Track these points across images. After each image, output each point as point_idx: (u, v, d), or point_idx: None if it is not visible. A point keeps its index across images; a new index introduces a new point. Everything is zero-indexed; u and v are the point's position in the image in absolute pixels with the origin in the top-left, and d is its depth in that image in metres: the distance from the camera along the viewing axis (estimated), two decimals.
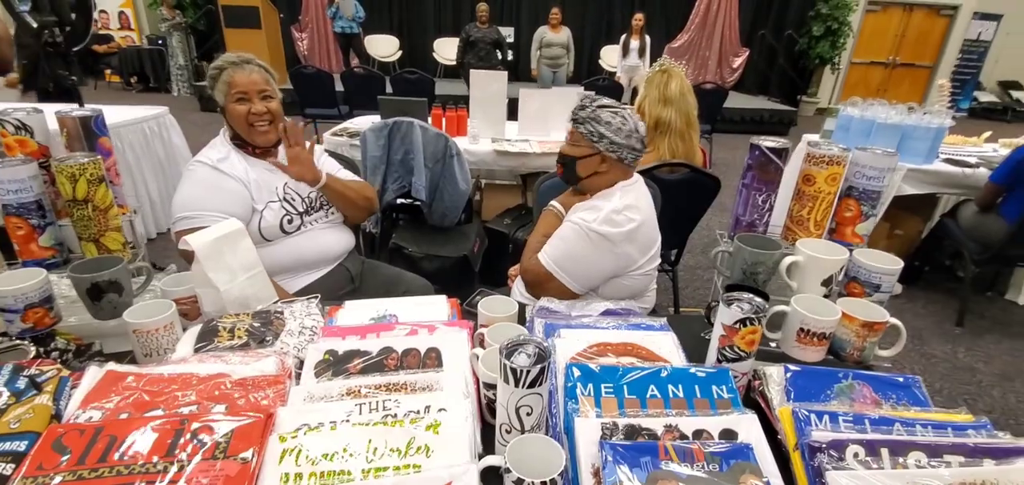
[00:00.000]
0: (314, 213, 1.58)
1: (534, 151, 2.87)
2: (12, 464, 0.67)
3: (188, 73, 8.39)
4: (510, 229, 2.95)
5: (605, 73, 8.63)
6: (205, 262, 1.07)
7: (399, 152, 2.52)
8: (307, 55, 9.15)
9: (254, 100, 1.45)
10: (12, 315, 0.91)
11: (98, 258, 0.98)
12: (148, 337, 0.97)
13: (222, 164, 1.41)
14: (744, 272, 1.08)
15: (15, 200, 0.92)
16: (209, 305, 1.11)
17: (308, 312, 1.16)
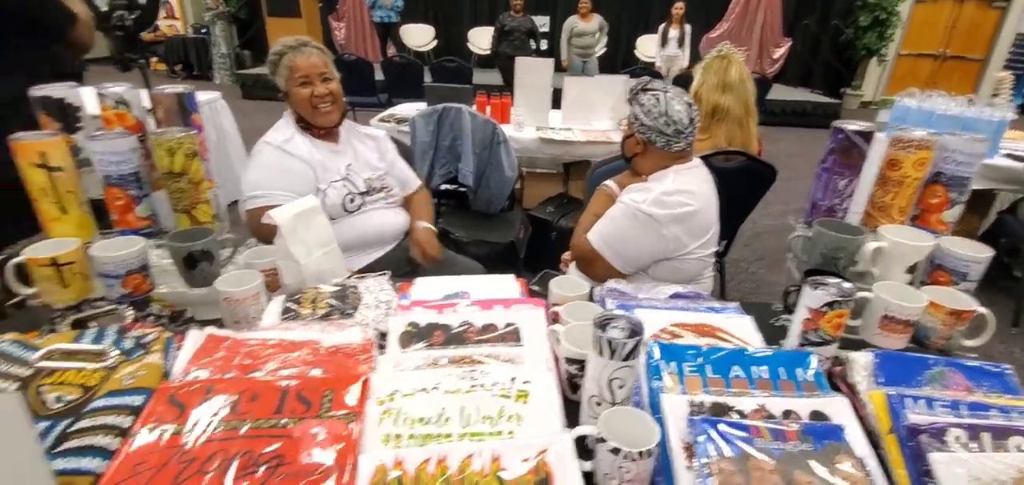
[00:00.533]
0: (375, 194, 1.61)
1: (578, 139, 2.86)
2: (130, 417, 0.71)
3: (230, 61, 8.61)
4: (553, 217, 2.95)
5: (641, 63, 8.50)
6: (287, 236, 1.11)
7: (447, 138, 2.55)
8: (344, 44, 9.28)
9: (316, 83, 1.48)
10: (113, 280, 0.96)
11: (191, 229, 1.03)
12: (237, 305, 1.01)
13: (288, 145, 1.46)
14: (824, 257, 1.06)
15: (115, 172, 0.97)
16: (289, 277, 1.15)
17: (380, 288, 1.19)
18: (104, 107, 0.98)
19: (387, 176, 1.68)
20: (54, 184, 0.95)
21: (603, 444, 0.69)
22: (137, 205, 1.02)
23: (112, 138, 0.96)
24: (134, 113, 1.00)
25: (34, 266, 0.92)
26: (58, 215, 0.97)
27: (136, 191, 1.01)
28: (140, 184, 1.01)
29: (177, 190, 1.02)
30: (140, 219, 1.03)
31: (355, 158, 1.62)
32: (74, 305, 0.98)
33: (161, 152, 0.97)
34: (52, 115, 0.96)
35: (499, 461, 0.69)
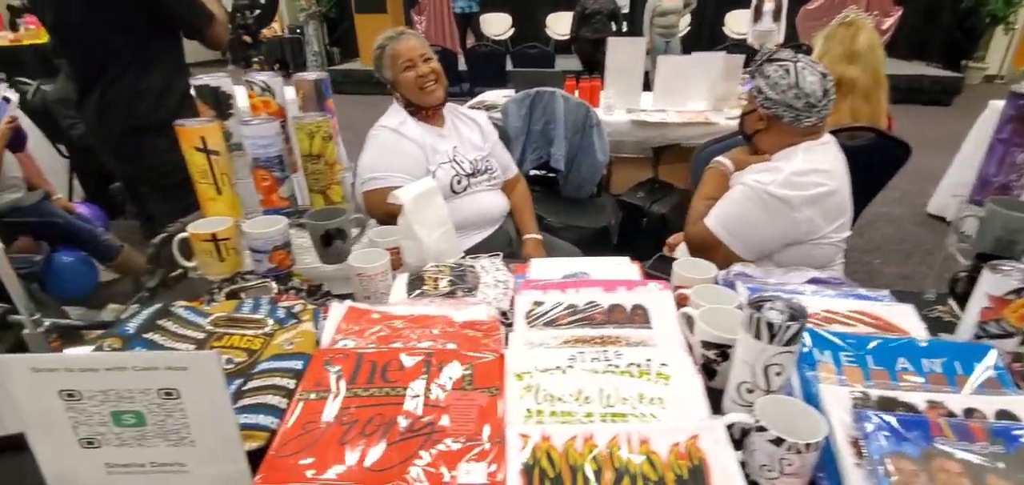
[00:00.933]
0: (480, 176, 1.63)
1: (673, 121, 2.74)
2: (293, 379, 0.76)
3: (321, 58, 9.13)
4: (644, 202, 2.86)
5: (730, 41, 8.03)
6: (411, 215, 1.14)
7: (539, 122, 2.54)
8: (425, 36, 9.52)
9: (418, 64, 1.53)
10: (261, 255, 1.03)
11: (326, 209, 1.09)
12: (368, 281, 1.06)
13: (402, 128, 1.51)
14: (998, 241, 0.93)
15: (263, 154, 1.04)
16: (410, 256, 1.19)
17: (496, 268, 1.20)
18: (251, 94, 1.06)
19: (490, 158, 1.70)
20: (212, 166, 1.03)
21: (762, 434, 0.65)
22: (280, 186, 1.09)
23: (261, 123, 1.03)
24: (277, 100, 1.07)
25: (196, 241, 1.01)
26: (214, 195, 1.06)
27: (279, 173, 1.08)
28: (282, 166, 1.08)
29: (314, 172, 1.08)
30: (282, 199, 1.11)
31: (460, 141, 1.65)
32: (228, 278, 1.07)
33: (302, 135, 1.03)
34: (208, 103, 1.05)
35: (648, 443, 0.67)
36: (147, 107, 1.63)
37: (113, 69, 1.59)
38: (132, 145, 1.70)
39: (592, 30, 6.82)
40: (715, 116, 2.79)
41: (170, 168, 1.72)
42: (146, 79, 1.62)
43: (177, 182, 1.74)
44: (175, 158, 1.75)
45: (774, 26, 6.54)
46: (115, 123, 1.67)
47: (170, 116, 1.64)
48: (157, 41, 1.61)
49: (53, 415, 0.62)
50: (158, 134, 1.67)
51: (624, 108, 2.94)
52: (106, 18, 1.54)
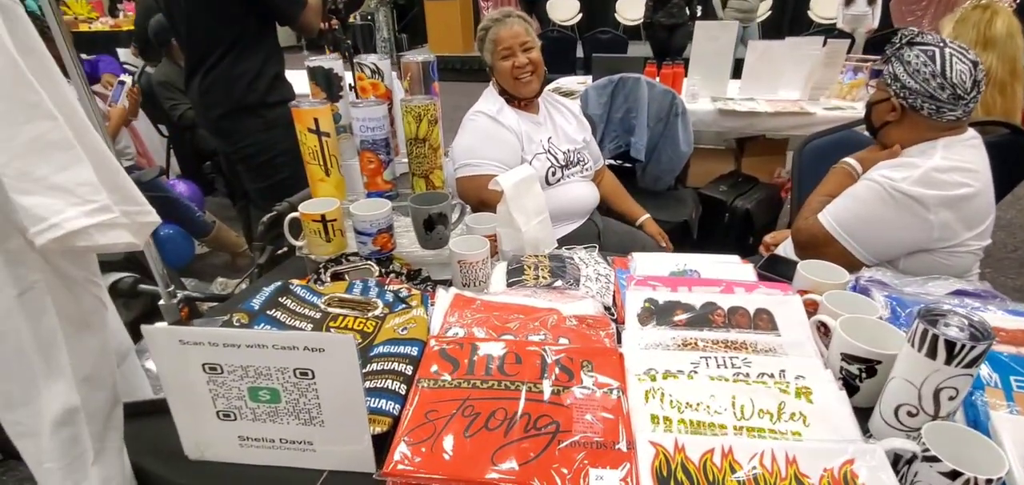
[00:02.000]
0: (573, 167, 1.59)
1: (764, 111, 2.57)
2: (410, 365, 0.76)
3: (391, 45, 9.33)
4: (727, 196, 2.72)
5: (816, 25, 7.51)
6: (511, 202, 1.12)
7: (620, 110, 2.45)
8: None
9: (517, 54, 1.49)
10: (366, 238, 1.04)
11: (428, 193, 1.08)
12: (469, 268, 1.05)
13: (499, 115, 1.48)
14: None
15: (371, 137, 1.05)
16: (508, 243, 1.16)
17: (595, 261, 1.15)
18: (360, 76, 1.07)
19: (584, 150, 1.66)
20: (322, 147, 1.05)
21: (932, 464, 0.58)
22: (384, 169, 1.09)
23: (370, 105, 1.03)
24: (385, 82, 1.07)
25: (306, 221, 1.03)
26: (322, 176, 1.08)
27: (384, 156, 1.08)
28: (388, 149, 1.08)
29: (419, 155, 1.07)
30: (386, 182, 1.11)
31: (554, 130, 1.61)
32: (333, 258, 1.08)
33: (409, 118, 1.03)
34: (319, 85, 1.07)
35: (796, 465, 0.61)
36: (241, 90, 1.71)
37: (214, 54, 1.68)
38: (228, 125, 1.80)
39: (668, 15, 6.55)
40: (811, 106, 2.60)
41: (260, 148, 1.81)
42: (242, 64, 1.69)
43: (266, 161, 1.84)
44: (265, 138, 1.82)
45: (868, 10, 6.06)
46: (214, 105, 1.76)
47: (260, 99, 1.73)
48: (253, 28, 1.68)
49: (195, 386, 0.64)
50: (250, 115, 1.76)
51: (709, 96, 2.79)
52: (208, 7, 1.63)
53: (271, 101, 1.76)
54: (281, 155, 1.83)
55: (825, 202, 1.27)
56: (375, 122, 1.03)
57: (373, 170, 1.09)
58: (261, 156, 1.83)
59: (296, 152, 1.95)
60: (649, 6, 6.58)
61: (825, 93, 2.69)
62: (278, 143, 1.80)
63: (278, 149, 1.81)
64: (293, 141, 1.90)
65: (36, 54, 0.45)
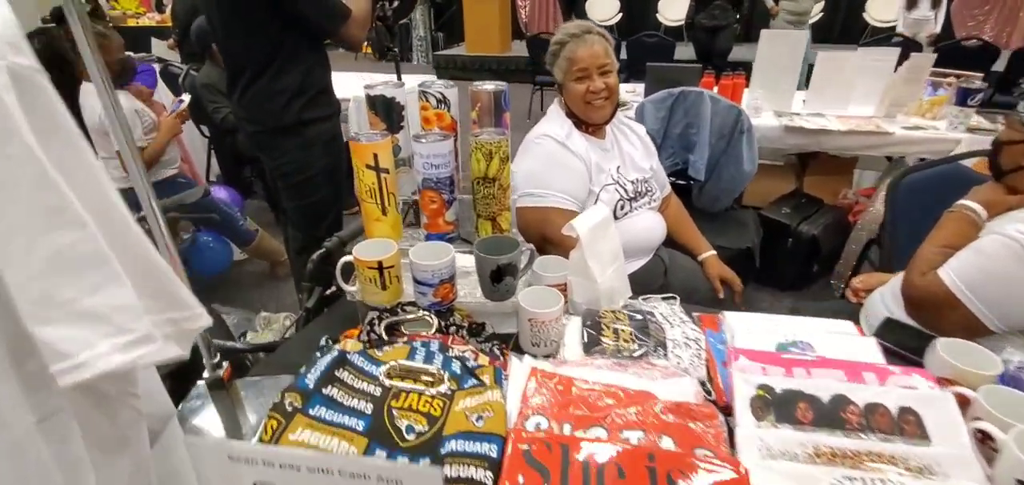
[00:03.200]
0: (641, 198, 1.45)
1: (834, 128, 2.37)
2: (489, 472, 0.64)
3: (427, 43, 9.28)
4: (791, 220, 2.53)
5: (871, 29, 7.12)
6: (587, 249, 0.99)
7: (679, 125, 2.29)
8: (527, 22, 9.38)
9: (593, 76, 1.35)
10: (426, 289, 0.93)
11: (495, 238, 0.96)
12: (541, 327, 0.92)
13: (569, 141, 1.35)
14: None
15: (434, 175, 0.93)
16: (580, 294, 1.04)
17: (679, 318, 1.02)
18: (424, 106, 0.95)
19: (652, 179, 1.51)
20: (381, 185, 0.94)
21: None
22: (447, 209, 0.98)
23: (435, 140, 0.92)
24: (452, 112, 0.95)
25: (361, 267, 0.92)
26: (379, 215, 0.97)
27: (448, 195, 0.97)
28: (452, 187, 0.97)
29: (487, 195, 0.95)
30: (447, 224, 1.00)
31: (623, 158, 1.47)
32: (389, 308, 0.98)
33: (479, 155, 0.91)
34: (378, 114, 0.96)
35: None
36: (278, 108, 1.62)
37: (249, 70, 1.59)
38: (265, 141, 1.71)
39: (709, 17, 6.29)
40: (888, 124, 2.39)
41: (297, 167, 1.72)
42: (281, 80, 1.59)
43: (303, 181, 1.75)
44: (302, 157, 1.72)
45: (931, 14, 5.68)
46: (251, 121, 1.69)
47: (297, 117, 1.63)
48: (291, 43, 1.57)
49: None
50: (288, 134, 1.67)
51: (772, 110, 2.60)
52: (242, 24, 1.54)
53: (309, 118, 1.67)
54: (319, 175, 1.74)
55: (944, 255, 1.10)
56: (440, 159, 0.92)
57: (435, 210, 0.97)
58: (298, 175, 1.74)
59: (334, 171, 1.83)
60: (692, 7, 6.35)
61: (903, 110, 2.47)
62: (316, 162, 1.72)
63: (316, 168, 1.73)
64: (332, 160, 1.79)
65: (61, 134, 0.35)
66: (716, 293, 1.53)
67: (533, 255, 0.98)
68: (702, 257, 1.56)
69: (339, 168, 1.82)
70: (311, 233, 1.81)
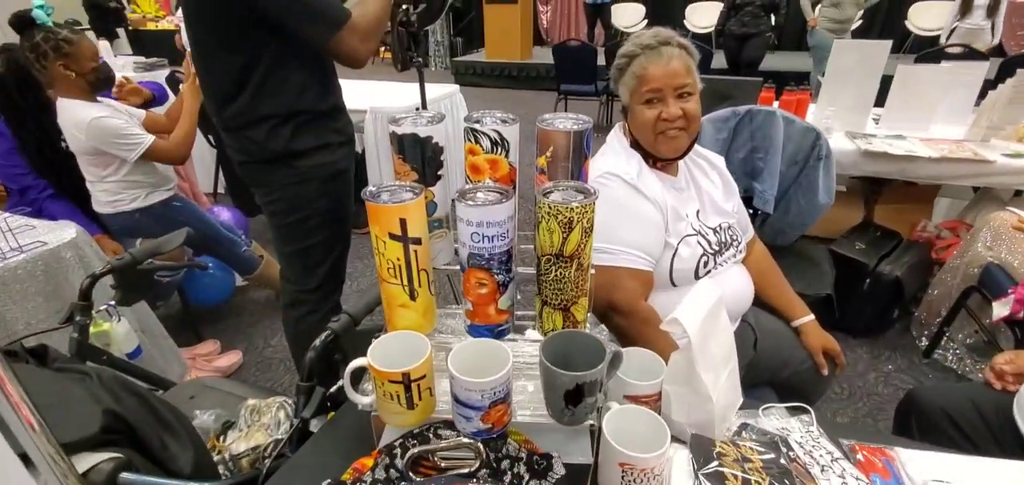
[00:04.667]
0: (726, 251, 1.15)
1: (923, 154, 2.04)
2: None
3: (444, 49, 9.05)
4: (867, 258, 2.20)
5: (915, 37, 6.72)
6: (698, 353, 0.70)
7: (743, 148, 1.98)
8: (548, 28, 9.12)
9: (668, 100, 1.05)
10: (472, 413, 0.64)
11: (570, 336, 0.67)
12: (637, 475, 0.63)
13: (640, 182, 1.05)
14: None
15: (486, 250, 0.64)
16: (682, 413, 0.74)
17: (825, 449, 0.72)
18: (472, 148, 0.67)
19: (735, 224, 1.21)
20: (410, 260, 0.66)
21: None
22: (501, 295, 0.69)
23: (490, 200, 0.63)
24: (511, 158, 0.67)
25: (380, 380, 0.64)
26: (405, 301, 0.69)
27: (503, 276, 0.68)
28: (509, 265, 0.68)
29: (559, 279, 0.67)
30: (500, 313, 0.71)
31: (701, 199, 1.17)
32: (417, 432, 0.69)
33: (552, 224, 0.62)
34: (407, 159, 0.68)
35: None
36: (263, 136, 1.30)
37: (230, 88, 1.26)
38: (253, 174, 1.40)
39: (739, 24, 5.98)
40: (986, 150, 2.05)
41: (289, 204, 1.40)
42: (262, 103, 1.27)
43: (297, 221, 1.40)
44: (295, 193, 1.36)
45: (987, 23, 5.28)
46: (236, 149, 1.37)
47: (285, 147, 1.29)
48: (275, 56, 1.24)
49: None
50: (275, 166, 1.35)
51: (844, 131, 2.28)
52: (213, 31, 1.22)
53: (301, 149, 1.33)
54: (316, 217, 1.42)
55: None
56: (497, 228, 0.63)
57: (485, 297, 0.69)
58: (291, 214, 1.42)
59: (336, 213, 1.45)
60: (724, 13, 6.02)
61: (1000, 134, 2.13)
62: (313, 201, 1.40)
63: (312, 209, 1.41)
64: (332, 200, 1.42)
65: None
66: (818, 369, 1.22)
67: (618, 357, 0.69)
68: (799, 323, 1.25)
69: (343, 207, 1.49)
70: (302, 286, 1.51)
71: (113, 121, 1.79)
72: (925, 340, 2.18)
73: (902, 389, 2.04)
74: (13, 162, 1.91)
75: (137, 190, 1.94)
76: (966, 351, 2.08)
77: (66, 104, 1.75)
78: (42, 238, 1.55)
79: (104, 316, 1.24)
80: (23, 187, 1.96)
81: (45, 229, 1.62)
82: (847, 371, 2.14)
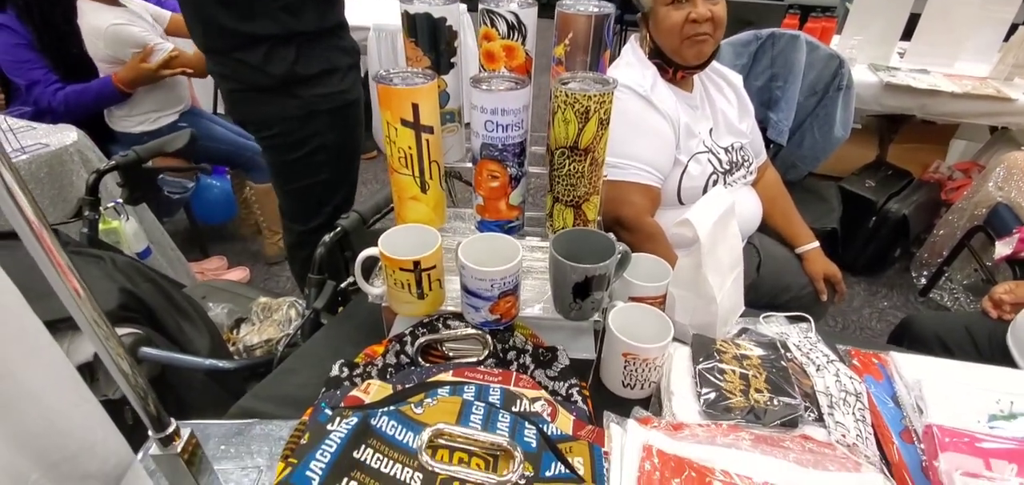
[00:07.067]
0: (736, 171, 1.14)
1: (946, 90, 1.97)
2: None
3: None
4: (876, 196, 2.18)
5: None
6: (706, 255, 0.70)
7: (762, 75, 1.92)
8: None
9: (697, 1, 1.00)
10: (481, 303, 0.65)
11: (581, 233, 0.67)
12: (640, 366, 0.65)
13: (653, 95, 1.02)
14: None
15: (500, 139, 0.64)
16: (686, 314, 0.76)
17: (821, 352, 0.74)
18: (488, 33, 0.64)
19: (748, 146, 1.19)
20: (421, 149, 0.65)
21: None
22: (513, 188, 0.69)
23: (506, 87, 0.62)
24: (527, 46, 0.65)
25: (392, 267, 0.65)
26: (416, 193, 0.69)
27: (516, 169, 0.67)
28: (522, 157, 0.67)
29: (573, 173, 0.66)
30: (512, 208, 0.71)
31: (714, 118, 1.15)
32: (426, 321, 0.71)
33: (569, 114, 0.61)
34: (420, 44, 0.66)
35: None
36: (258, 60, 1.13)
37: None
38: (245, 104, 1.23)
39: None
40: (1009, 88, 1.99)
41: (288, 141, 1.23)
42: (254, 19, 1.10)
43: (297, 159, 1.22)
44: (294, 130, 1.19)
45: None
46: (224, 77, 1.20)
47: (288, 72, 1.13)
48: None
49: None
50: (273, 96, 1.19)
51: (868, 63, 2.20)
52: None
53: (307, 74, 1.16)
54: (322, 153, 1.27)
55: None
56: (511, 117, 0.62)
57: (496, 190, 0.68)
58: (295, 151, 1.26)
59: (345, 148, 1.32)
60: None
61: None
62: (318, 135, 1.24)
63: (317, 143, 1.25)
64: (342, 134, 1.27)
65: None
66: (818, 294, 1.24)
67: (627, 257, 0.69)
68: (803, 250, 1.26)
69: (355, 140, 1.37)
70: (306, 226, 1.39)
71: (131, 29, 1.72)
72: (924, 279, 2.20)
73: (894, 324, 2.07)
74: (21, 56, 1.82)
75: (145, 114, 1.88)
76: (963, 291, 2.10)
77: (87, 6, 1.68)
78: (44, 140, 1.54)
79: (112, 214, 1.24)
80: (31, 82, 1.85)
81: (46, 131, 1.60)
82: (843, 306, 2.17)
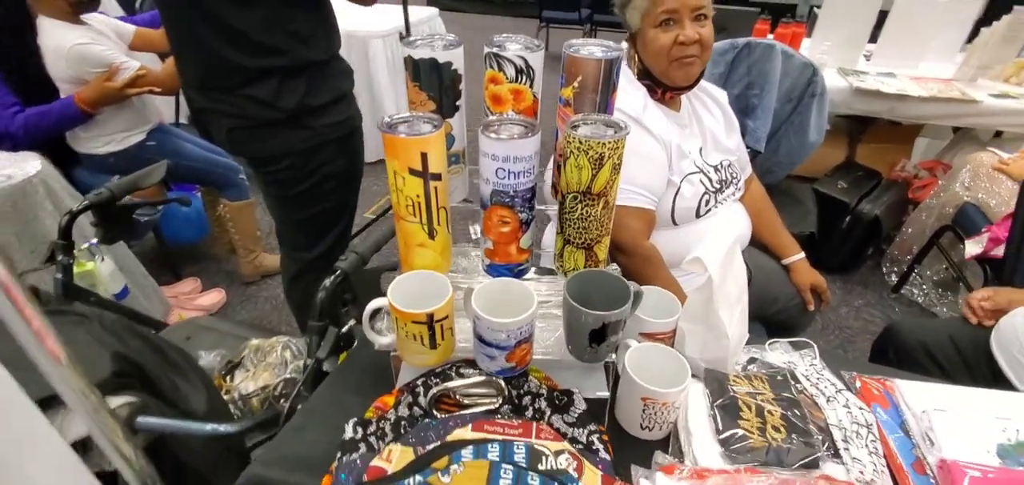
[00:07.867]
0: (726, 188, 1.15)
1: (913, 94, 2.05)
2: None
3: None
4: (849, 197, 2.25)
5: None
6: (718, 293, 0.70)
7: (739, 83, 1.96)
8: None
9: (685, 21, 1.01)
10: (498, 352, 0.64)
11: (594, 275, 0.67)
12: (659, 410, 0.65)
13: (645, 118, 1.03)
14: None
15: (511, 186, 0.62)
16: (697, 349, 0.76)
17: (828, 381, 0.75)
18: (494, 76, 0.63)
19: (736, 162, 1.21)
20: (429, 197, 0.63)
21: None
22: (523, 233, 0.67)
23: (516, 134, 0.60)
24: (535, 89, 0.63)
25: (403, 321, 0.62)
26: (424, 239, 0.67)
27: (526, 213, 0.66)
28: (532, 202, 0.66)
29: (585, 216, 0.65)
30: (521, 252, 0.69)
31: (703, 136, 1.15)
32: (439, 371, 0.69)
33: (582, 160, 0.60)
34: (423, 87, 0.64)
35: None
36: (269, 93, 1.08)
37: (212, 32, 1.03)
38: (247, 140, 1.16)
39: None
40: (972, 90, 2.08)
41: (296, 174, 1.19)
42: (264, 55, 1.05)
43: (304, 191, 1.19)
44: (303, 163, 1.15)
45: None
46: (222, 113, 1.14)
47: (299, 105, 1.09)
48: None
49: None
50: (282, 129, 1.14)
51: (836, 67, 2.27)
52: None
53: (319, 103, 1.13)
54: (331, 180, 1.24)
55: None
56: (522, 164, 0.61)
57: (507, 235, 0.67)
58: (304, 182, 1.22)
59: (351, 172, 1.29)
60: None
61: (988, 74, 2.16)
62: (327, 164, 1.21)
63: (326, 172, 1.22)
64: (350, 160, 1.25)
65: None
66: (805, 305, 1.26)
67: (639, 296, 0.69)
68: (789, 261, 1.28)
69: (359, 164, 1.33)
70: (310, 253, 1.33)
71: (95, 48, 1.63)
72: (895, 276, 2.28)
73: (871, 322, 2.14)
74: None
75: (111, 134, 1.79)
76: (932, 287, 2.18)
77: (47, 24, 1.58)
78: (6, 171, 1.45)
79: (86, 255, 1.18)
80: None
81: (7, 161, 1.51)
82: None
